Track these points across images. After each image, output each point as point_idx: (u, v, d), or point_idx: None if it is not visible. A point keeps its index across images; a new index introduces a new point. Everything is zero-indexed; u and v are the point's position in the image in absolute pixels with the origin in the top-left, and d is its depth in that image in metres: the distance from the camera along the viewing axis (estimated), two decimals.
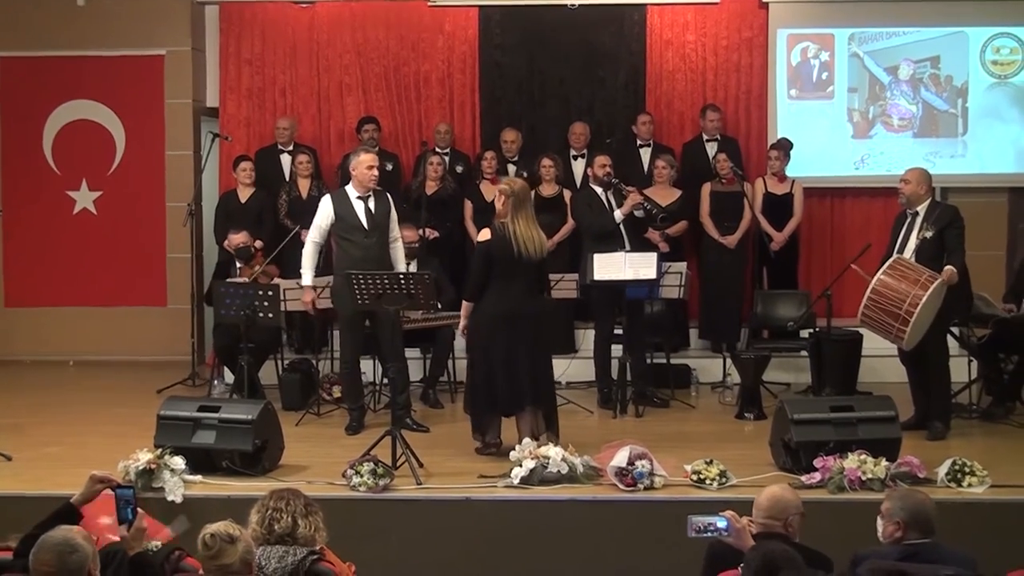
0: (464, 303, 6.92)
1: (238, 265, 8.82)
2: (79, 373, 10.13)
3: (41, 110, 10.70)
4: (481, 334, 6.83)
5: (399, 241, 7.73)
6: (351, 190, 7.54)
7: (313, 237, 7.61)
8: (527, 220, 6.78)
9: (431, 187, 9.41)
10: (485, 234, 6.85)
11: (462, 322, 6.94)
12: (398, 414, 7.17)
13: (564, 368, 8.94)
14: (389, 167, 9.94)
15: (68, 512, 4.13)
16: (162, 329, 10.38)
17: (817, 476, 6.06)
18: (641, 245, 8.31)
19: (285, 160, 9.89)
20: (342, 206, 7.45)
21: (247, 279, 8.52)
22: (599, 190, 8.39)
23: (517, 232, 6.72)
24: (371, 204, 7.47)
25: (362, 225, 7.41)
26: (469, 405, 7.05)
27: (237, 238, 8.82)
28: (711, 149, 9.78)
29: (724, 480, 6.07)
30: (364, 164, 7.42)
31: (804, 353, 8.77)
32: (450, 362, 8.68)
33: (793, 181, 9.54)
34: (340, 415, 7.99)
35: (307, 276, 7.62)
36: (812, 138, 10.07)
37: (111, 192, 10.71)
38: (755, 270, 9.63)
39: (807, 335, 8.74)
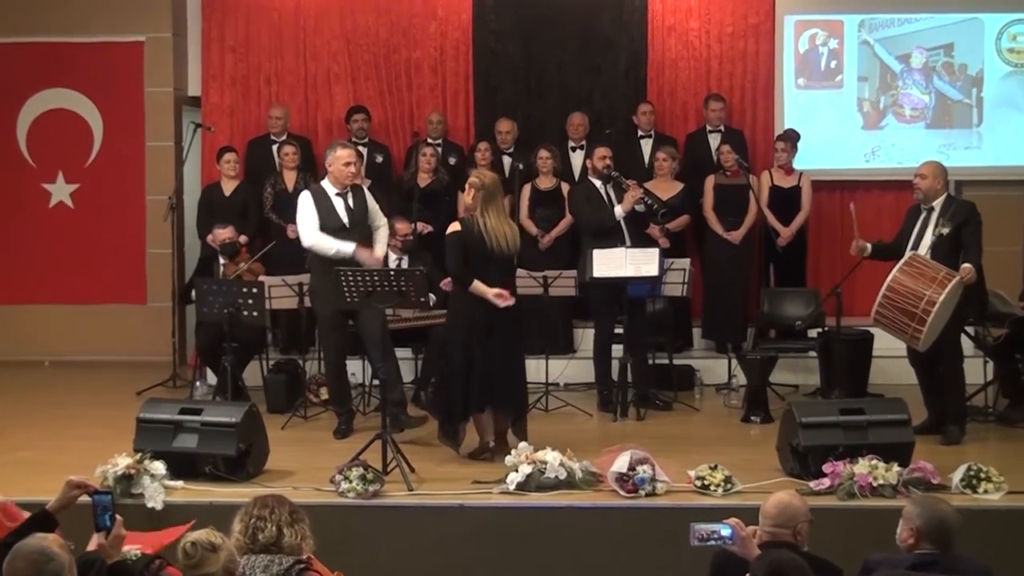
0: (470, 288, 6.78)
1: (222, 261, 8.80)
2: (55, 374, 10.11)
3: (15, 99, 10.68)
4: (460, 333, 6.87)
5: (384, 227, 7.70)
6: (328, 187, 7.47)
7: (313, 232, 7.41)
8: (498, 213, 6.84)
9: (423, 179, 9.41)
10: (454, 227, 6.89)
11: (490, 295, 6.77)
12: (392, 411, 7.17)
13: (562, 369, 8.97)
14: (379, 159, 9.94)
15: (43, 519, 4.11)
16: (142, 328, 10.36)
17: (826, 482, 6.06)
18: (642, 241, 8.30)
19: (277, 151, 9.85)
20: (322, 203, 7.41)
21: (231, 276, 8.50)
22: (598, 183, 8.38)
23: (488, 226, 6.76)
24: (350, 201, 7.45)
25: (343, 224, 7.38)
26: (440, 406, 7.06)
27: (223, 233, 8.80)
28: (714, 140, 9.77)
29: (729, 486, 6.06)
30: (341, 160, 7.36)
31: (812, 354, 8.79)
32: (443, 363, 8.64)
33: (801, 174, 9.54)
34: (328, 418, 7.98)
35: (347, 245, 7.36)
36: (820, 129, 10.06)
37: (88, 185, 10.69)
38: (761, 267, 9.63)
39: (816, 335, 8.75)
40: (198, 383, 8.80)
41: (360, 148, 9.72)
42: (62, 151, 10.70)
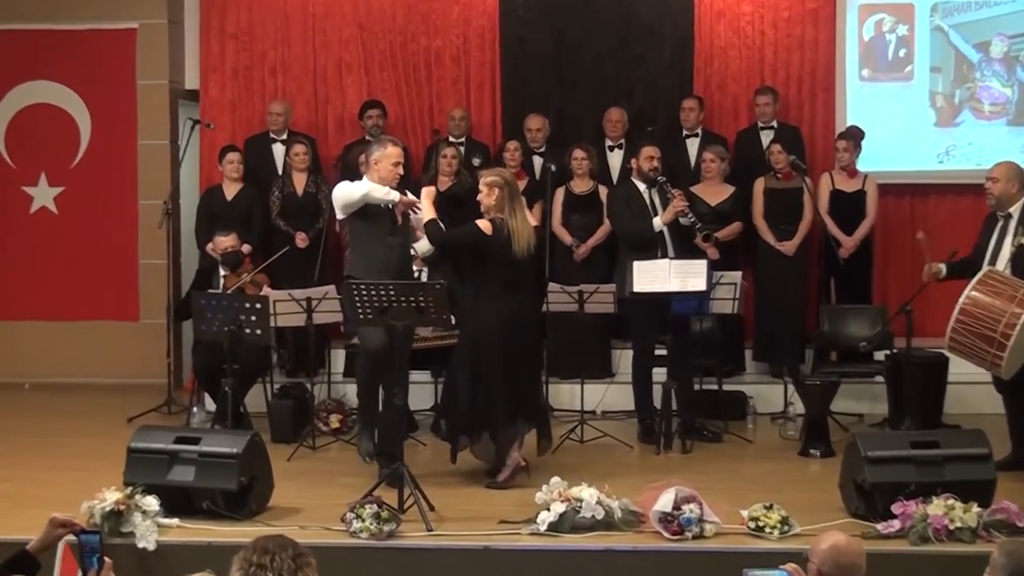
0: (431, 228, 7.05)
1: (222, 273, 8.83)
2: (35, 398, 10.18)
3: None
4: (480, 344, 7.03)
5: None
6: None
7: (364, 183, 7.43)
8: (522, 212, 7.10)
9: (444, 183, 9.42)
10: (485, 225, 7.02)
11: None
12: (385, 457, 7.18)
13: (599, 395, 8.95)
14: None
15: (23, 561, 4.13)
16: (133, 347, 10.42)
17: (896, 524, 6.01)
18: (688, 252, 8.27)
19: (278, 151, 9.92)
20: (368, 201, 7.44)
21: (232, 289, 8.53)
22: (642, 187, 8.37)
23: (515, 228, 6.99)
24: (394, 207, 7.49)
25: (388, 221, 7.44)
26: (451, 427, 7.17)
27: (225, 241, 8.84)
28: (766, 139, 9.76)
29: (786, 528, 6.03)
30: (391, 159, 7.38)
31: (879, 379, 8.74)
32: None
33: (865, 176, 9.50)
34: (339, 449, 8.00)
35: (392, 192, 7.36)
36: (888, 126, 10.02)
37: (74, 188, 10.77)
38: (821, 281, 9.59)
39: (883, 358, 8.70)
40: (195, 409, 8.84)
41: None
42: (45, 150, 10.79)
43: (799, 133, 9.97)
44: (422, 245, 7.62)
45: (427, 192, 7.21)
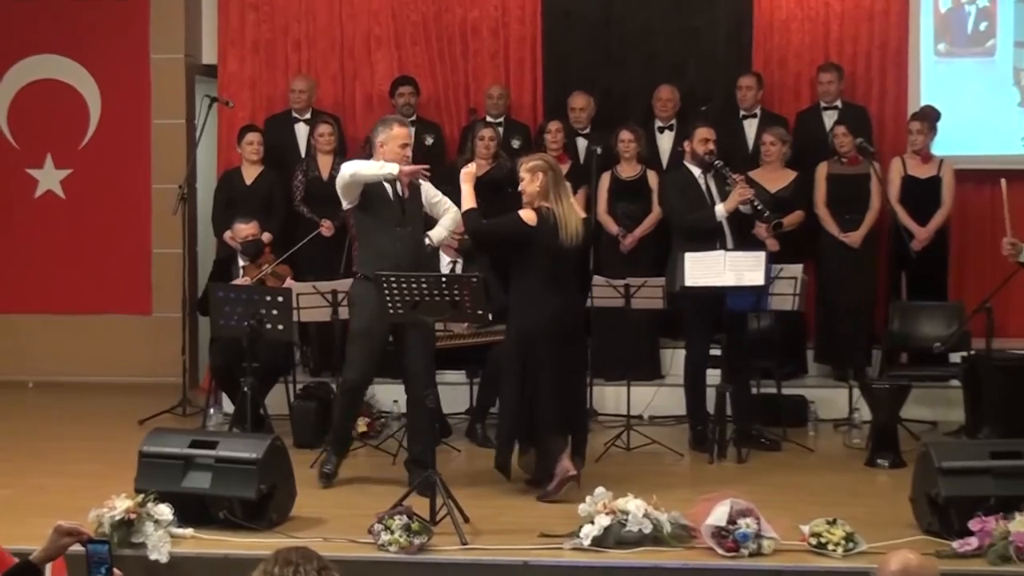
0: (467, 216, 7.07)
1: (241, 263, 8.89)
2: (40, 397, 10.30)
3: None
4: (526, 346, 7.01)
5: (453, 211, 7.59)
6: None
7: (355, 163, 7.42)
8: (569, 198, 7.11)
9: (481, 166, 9.42)
10: (529, 215, 6.99)
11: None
12: (409, 467, 7.27)
13: (648, 399, 8.95)
14: (429, 140, 10.00)
15: (26, 572, 4.16)
16: (145, 343, 10.50)
17: (974, 542, 5.97)
18: (747, 243, 8.25)
19: (301, 131, 9.96)
20: (373, 185, 7.35)
21: (252, 281, 8.58)
22: (697, 172, 8.36)
23: (562, 215, 6.99)
24: (400, 188, 7.43)
25: (395, 210, 7.37)
26: (505, 431, 7.20)
27: (245, 229, 8.89)
28: (829, 120, 9.73)
29: (851, 545, 6.00)
30: (398, 140, 7.35)
31: (955, 383, 8.70)
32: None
33: (941, 161, 9.45)
34: (366, 455, 8.05)
35: (388, 165, 7.28)
36: (966, 106, 9.97)
37: (83, 170, 10.86)
38: (891, 275, 9.54)
39: (959, 360, 8.66)
40: (212, 411, 8.90)
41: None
42: (51, 130, 10.88)
43: (867, 114, 9.92)
44: (438, 232, 7.63)
45: (466, 174, 7.17)
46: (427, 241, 7.63)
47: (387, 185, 7.33)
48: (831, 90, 9.80)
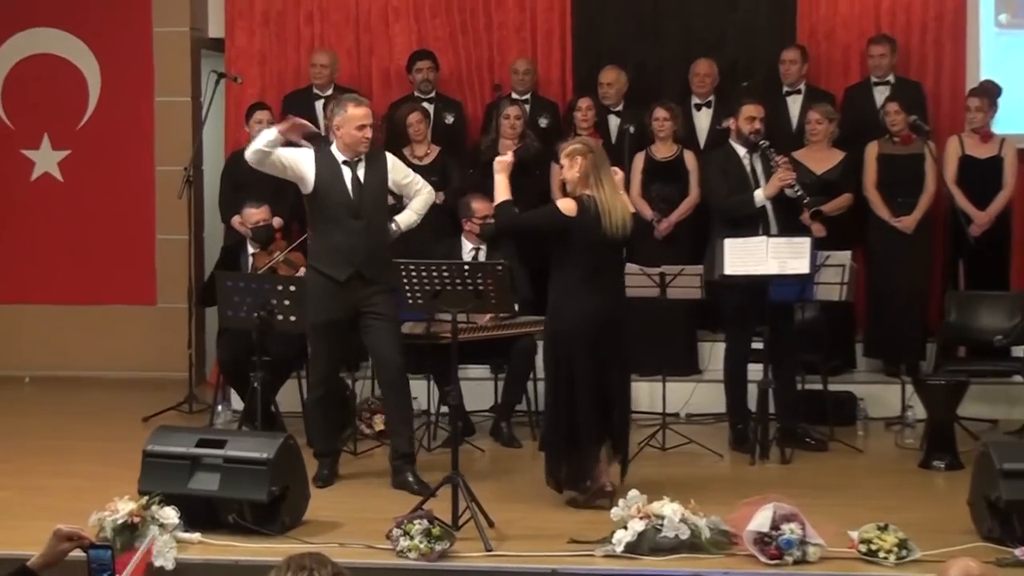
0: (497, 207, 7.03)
1: (251, 251, 8.91)
2: (38, 393, 10.36)
3: None
4: (565, 347, 6.93)
5: (426, 192, 7.66)
6: (336, 152, 7.41)
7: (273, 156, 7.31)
8: (611, 183, 6.95)
9: (507, 146, 9.41)
10: (568, 205, 6.89)
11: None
12: (395, 465, 7.35)
13: (685, 396, 8.95)
14: (450, 119, 10.01)
15: None
16: (149, 336, 10.56)
17: None
18: (793, 229, 8.21)
19: (322, 108, 9.94)
20: (326, 172, 7.34)
21: (262, 269, 8.60)
22: (742, 151, 8.34)
23: (603, 201, 6.85)
24: (360, 172, 7.38)
25: (349, 201, 7.34)
26: (547, 441, 7.15)
27: (256, 214, 8.90)
28: (880, 96, 9.70)
29: (904, 553, 5.99)
30: (354, 122, 7.30)
31: (1018, 379, 8.68)
32: (531, 384, 8.70)
33: (1003, 140, 9.41)
34: (383, 454, 8.04)
35: (267, 130, 7.39)
36: None
37: (82, 151, 10.91)
38: (947, 263, 9.51)
39: (1022, 354, 8.60)
40: (220, 407, 8.94)
41: (425, 105, 9.80)
42: (48, 108, 10.93)
43: (921, 89, 9.88)
44: (406, 218, 7.60)
45: (501, 163, 7.08)
46: (393, 228, 7.58)
47: (345, 170, 7.32)
48: (883, 64, 9.75)
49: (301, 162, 7.31)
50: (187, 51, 10.78)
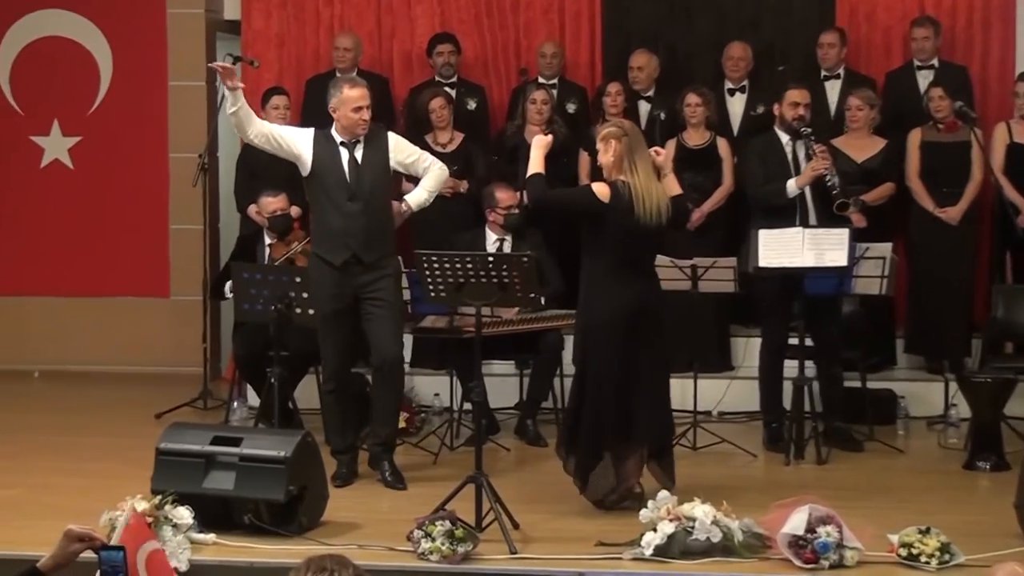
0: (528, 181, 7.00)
1: (268, 241, 8.94)
2: (47, 388, 10.43)
3: None
4: (594, 341, 6.94)
5: (438, 168, 7.66)
6: (336, 134, 7.43)
7: (260, 124, 7.44)
8: (647, 169, 6.88)
9: (534, 132, 9.43)
10: (602, 189, 6.87)
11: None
12: (373, 451, 7.47)
13: (718, 394, 8.95)
14: (472, 104, 10.01)
15: None
16: (162, 329, 10.62)
17: None
18: (832, 220, 8.18)
19: None
20: (324, 153, 7.37)
21: (280, 260, 8.62)
22: (785, 138, 8.33)
23: (638, 187, 6.80)
24: (358, 153, 7.40)
25: (347, 185, 7.35)
26: (567, 444, 7.13)
27: (273, 202, 8.92)
28: (923, 81, 9.67)
29: (947, 557, 5.99)
30: (350, 104, 7.30)
31: None
32: (557, 381, 8.72)
33: None
34: (405, 453, 8.08)
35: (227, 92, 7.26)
36: None
37: (93, 138, 10.96)
38: (993, 255, 9.48)
39: None
40: (236, 404, 8.98)
41: (447, 90, 9.81)
42: (58, 93, 10.98)
43: (967, 74, 9.84)
44: (417, 196, 7.58)
45: (539, 141, 7.03)
46: (403, 208, 7.61)
47: (342, 151, 7.34)
48: (926, 47, 9.72)
49: (298, 141, 7.38)
50: (202, 34, 10.81)
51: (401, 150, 7.55)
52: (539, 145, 7.00)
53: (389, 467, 7.46)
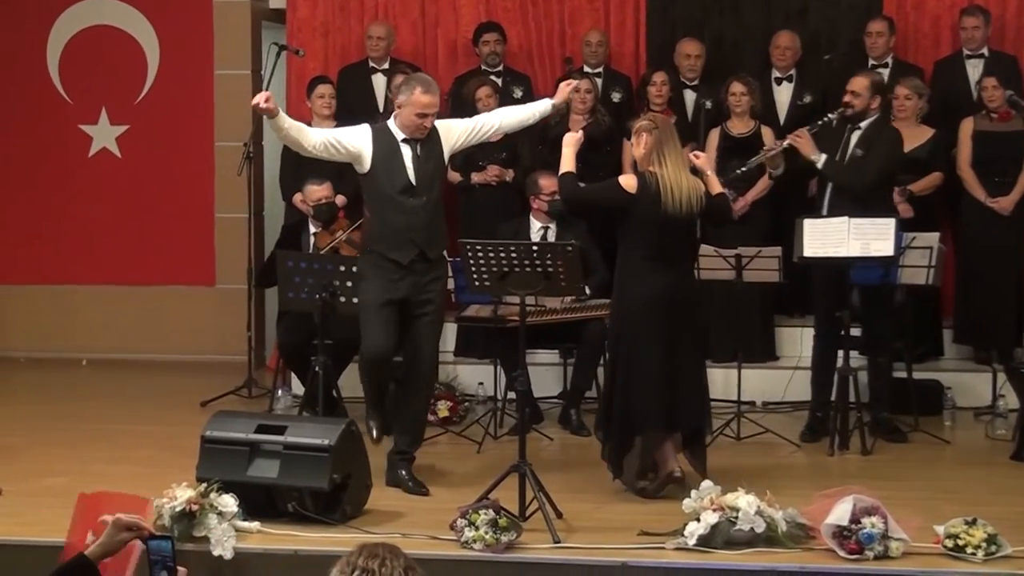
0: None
1: (312, 230, 8.97)
2: (94, 376, 10.50)
3: (44, 13, 11.08)
4: (626, 327, 7.03)
5: (502, 111, 7.63)
6: (395, 129, 7.25)
7: (315, 135, 7.21)
8: (676, 161, 6.96)
9: (577, 122, 9.42)
10: (629, 181, 6.98)
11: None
12: (392, 459, 7.27)
13: (762, 384, 8.94)
14: (519, 93, 10.00)
15: (82, 568, 4.23)
16: (208, 318, 10.67)
17: None
18: (845, 209, 8.12)
19: (379, 82, 10.02)
20: (384, 150, 7.22)
21: (324, 249, 8.65)
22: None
23: (665, 178, 6.89)
24: (419, 150, 7.25)
25: (409, 181, 7.20)
26: (603, 427, 7.21)
27: (318, 191, 8.94)
28: (973, 70, 9.62)
29: (993, 548, 5.95)
30: (415, 108, 7.12)
31: None
32: (601, 370, 8.69)
33: None
34: (448, 442, 8.11)
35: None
36: None
37: (140, 127, 11.01)
38: None
39: None
40: (280, 392, 9.02)
41: (493, 78, 9.81)
42: (106, 82, 11.04)
43: (1017, 64, 9.76)
44: (543, 106, 7.53)
45: (570, 139, 7.14)
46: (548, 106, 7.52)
47: (404, 147, 7.18)
48: (976, 36, 9.63)
49: (356, 141, 7.21)
50: (248, 22, 10.84)
51: (452, 132, 7.38)
52: (569, 143, 7.11)
53: (408, 475, 7.24)
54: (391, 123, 7.30)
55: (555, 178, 8.69)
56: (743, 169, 8.43)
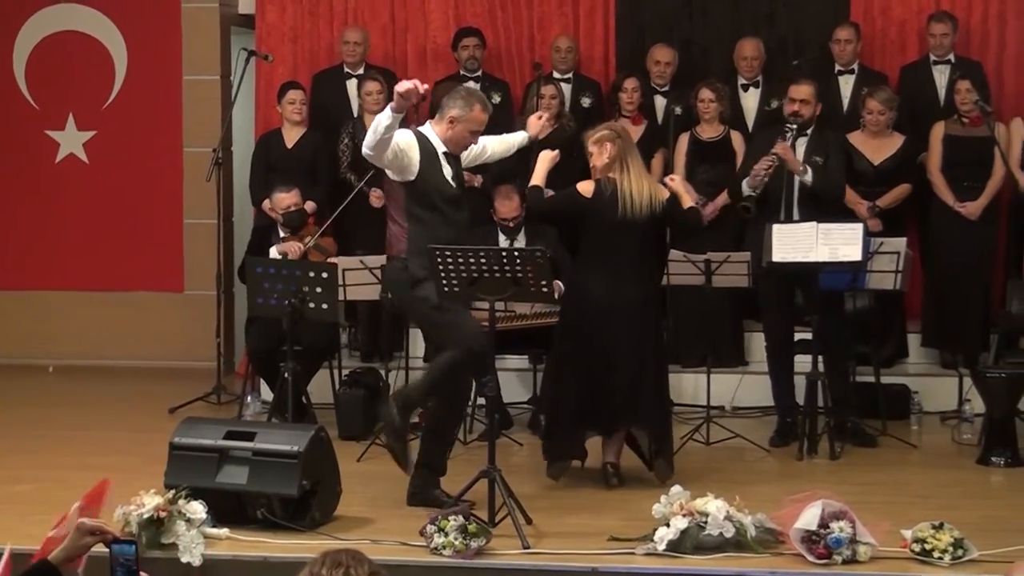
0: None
1: (282, 235, 8.96)
2: (61, 382, 10.45)
3: (10, 17, 11.05)
4: (571, 328, 7.25)
5: (499, 137, 7.56)
6: (436, 141, 6.97)
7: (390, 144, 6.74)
8: (637, 168, 7.22)
9: (544, 128, 9.41)
10: (586, 187, 7.19)
11: None
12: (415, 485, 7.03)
13: (731, 388, 8.96)
14: (497, 99, 9.95)
15: (45, 573, 4.23)
16: (176, 324, 10.64)
17: None
18: (818, 217, 8.13)
19: (353, 88, 9.97)
20: (428, 160, 6.96)
21: (293, 255, 8.64)
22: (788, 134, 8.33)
23: (625, 186, 7.13)
24: (453, 164, 7.08)
25: (453, 192, 7.02)
26: (543, 423, 7.41)
27: (286, 198, 8.94)
28: (940, 75, 9.64)
29: (960, 552, 5.98)
30: (471, 125, 6.93)
31: None
32: None
33: None
34: (417, 447, 8.06)
35: (382, 115, 6.64)
36: None
37: (108, 133, 10.98)
38: (1010, 250, 9.45)
39: None
40: (249, 398, 9.00)
41: (472, 84, 9.80)
42: (73, 88, 11.00)
43: (982, 69, 9.77)
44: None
45: (545, 156, 7.26)
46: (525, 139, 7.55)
47: (445, 166, 6.97)
48: (944, 43, 9.63)
49: (412, 147, 6.87)
50: (216, 28, 10.83)
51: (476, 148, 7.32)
52: (544, 160, 7.27)
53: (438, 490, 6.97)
54: (428, 132, 7.00)
55: (510, 202, 8.76)
56: (756, 191, 8.26)
